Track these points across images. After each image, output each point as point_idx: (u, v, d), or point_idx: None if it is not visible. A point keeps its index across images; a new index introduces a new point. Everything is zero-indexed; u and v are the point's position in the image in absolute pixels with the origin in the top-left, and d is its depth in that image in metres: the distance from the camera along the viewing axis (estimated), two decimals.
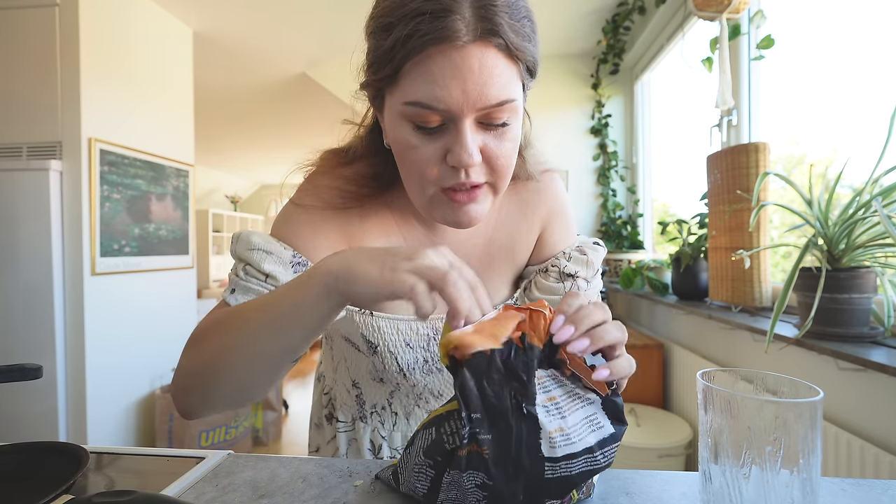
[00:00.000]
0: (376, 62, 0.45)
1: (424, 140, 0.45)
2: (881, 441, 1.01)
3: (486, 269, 0.63)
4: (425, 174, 0.47)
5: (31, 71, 1.98)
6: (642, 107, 2.88)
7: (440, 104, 0.42)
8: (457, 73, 0.41)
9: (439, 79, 0.41)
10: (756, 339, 1.42)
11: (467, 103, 0.42)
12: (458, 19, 0.40)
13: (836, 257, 1.07)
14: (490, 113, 0.44)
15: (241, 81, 3.43)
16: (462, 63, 0.41)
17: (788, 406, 0.34)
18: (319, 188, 0.57)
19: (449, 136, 0.45)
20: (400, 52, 0.42)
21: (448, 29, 0.40)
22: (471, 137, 0.44)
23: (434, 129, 0.44)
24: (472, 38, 0.40)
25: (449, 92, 0.41)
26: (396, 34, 0.41)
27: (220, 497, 0.47)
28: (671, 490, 0.46)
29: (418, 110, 0.43)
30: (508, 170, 0.49)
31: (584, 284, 0.64)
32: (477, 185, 0.47)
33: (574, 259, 0.63)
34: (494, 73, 0.42)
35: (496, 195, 0.51)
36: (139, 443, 2.33)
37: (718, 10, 1.62)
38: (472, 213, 0.49)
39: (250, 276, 0.52)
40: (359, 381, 0.67)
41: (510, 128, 0.46)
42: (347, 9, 2.48)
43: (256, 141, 5.23)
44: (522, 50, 0.44)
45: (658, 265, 2.24)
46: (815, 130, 1.65)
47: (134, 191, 2.26)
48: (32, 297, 1.94)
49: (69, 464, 0.46)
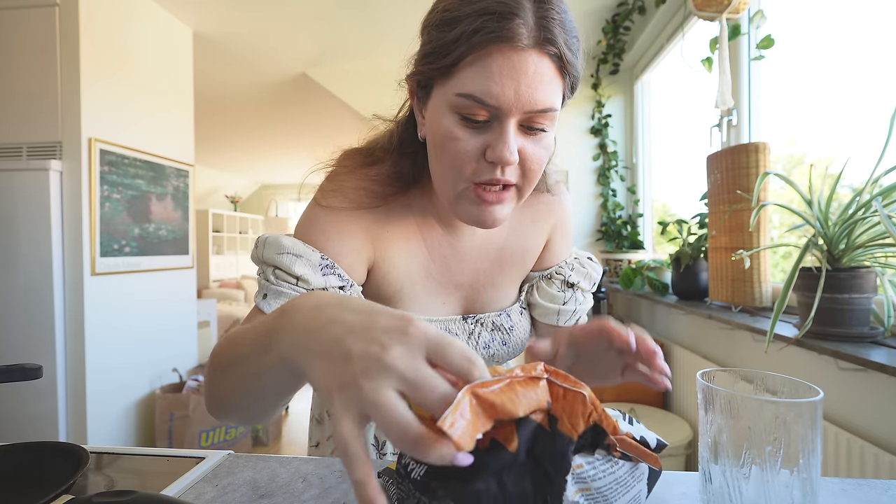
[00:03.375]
0: (435, 52, 0.46)
1: (468, 133, 0.47)
2: (881, 441, 1.01)
3: (500, 272, 0.65)
4: (462, 167, 0.48)
5: (31, 71, 1.98)
6: (642, 107, 2.88)
7: (492, 100, 0.44)
8: (513, 74, 0.43)
9: (496, 76, 0.43)
10: (756, 339, 1.42)
11: (517, 104, 0.44)
12: (522, 24, 0.42)
13: (836, 257, 1.07)
14: (533, 117, 0.46)
15: (241, 81, 3.43)
16: (519, 65, 0.43)
17: (788, 406, 0.34)
18: (346, 189, 0.56)
19: (492, 133, 0.46)
20: (464, 45, 0.43)
21: (512, 31, 0.42)
22: (514, 137, 0.46)
23: (480, 123, 0.46)
24: (531, 44, 0.43)
25: (503, 90, 0.43)
26: (462, 28, 0.43)
27: (220, 497, 0.47)
28: (671, 490, 0.46)
29: (470, 103, 0.45)
30: (537, 175, 0.50)
31: (581, 297, 0.68)
32: (507, 186, 0.49)
33: (577, 270, 0.68)
34: (545, 81, 0.44)
35: (520, 200, 0.52)
36: (139, 443, 2.33)
37: (718, 10, 1.62)
38: (496, 213, 0.50)
39: (281, 279, 0.52)
40: None
41: (547, 136, 0.48)
42: (347, 9, 2.48)
43: (256, 141, 5.23)
44: (572, 64, 0.46)
45: (658, 265, 2.24)
46: (814, 130, 1.65)
47: (134, 191, 2.26)
48: (32, 297, 1.94)
49: (69, 464, 0.46)
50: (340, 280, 0.54)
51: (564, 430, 0.32)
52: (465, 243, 0.63)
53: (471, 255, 0.63)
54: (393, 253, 0.58)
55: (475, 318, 0.65)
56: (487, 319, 0.65)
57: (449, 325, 0.63)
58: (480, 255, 0.63)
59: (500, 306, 0.67)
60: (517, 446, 0.30)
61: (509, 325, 0.66)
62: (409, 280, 0.60)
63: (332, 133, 4.78)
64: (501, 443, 0.31)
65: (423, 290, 0.61)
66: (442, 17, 0.46)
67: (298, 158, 6.17)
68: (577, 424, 0.33)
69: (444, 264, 0.62)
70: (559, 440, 0.32)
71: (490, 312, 0.66)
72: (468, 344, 0.64)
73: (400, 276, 0.59)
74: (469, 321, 0.64)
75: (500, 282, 0.65)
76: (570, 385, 0.33)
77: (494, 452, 0.30)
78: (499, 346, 0.66)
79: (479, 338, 0.65)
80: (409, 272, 0.60)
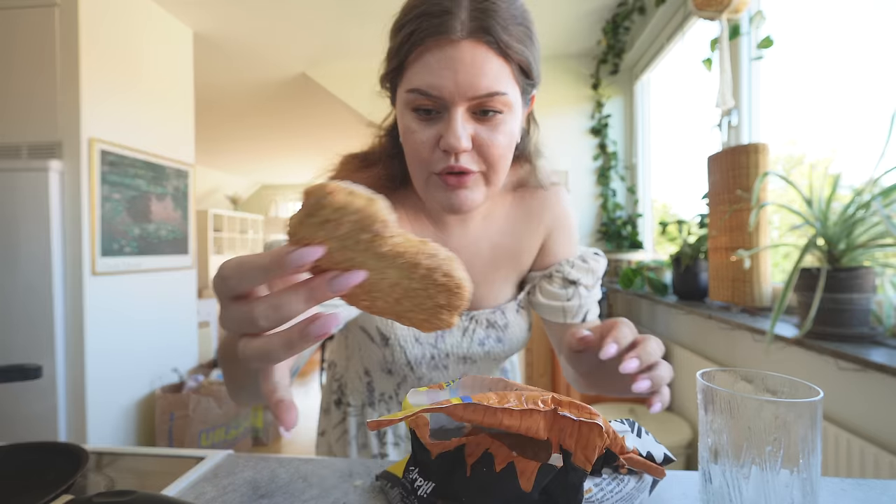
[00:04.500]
0: (389, 56, 0.52)
1: (422, 126, 0.50)
2: (881, 441, 1.01)
3: (493, 271, 0.66)
4: (422, 157, 0.51)
5: (31, 71, 1.98)
6: (642, 107, 2.88)
7: (435, 91, 0.47)
8: (449, 64, 0.46)
9: (435, 68, 0.47)
10: (756, 339, 1.42)
11: (458, 92, 0.47)
12: (454, 18, 0.46)
13: (836, 257, 1.07)
14: (481, 103, 0.48)
15: (241, 81, 3.43)
16: (455, 55, 0.46)
17: (788, 406, 0.33)
18: None
19: (443, 123, 0.49)
20: (407, 45, 0.48)
21: (444, 25, 0.46)
22: (461, 124, 0.48)
23: (431, 115, 0.49)
24: (465, 35, 0.46)
25: (442, 80, 0.47)
26: (406, 31, 0.48)
27: (220, 497, 0.47)
28: (671, 490, 0.46)
29: (416, 97, 0.49)
30: (500, 160, 0.52)
31: (584, 292, 0.66)
32: (467, 172, 0.51)
33: (577, 266, 0.66)
34: (485, 67, 0.47)
35: (489, 186, 0.54)
36: (139, 443, 2.33)
37: (718, 10, 1.62)
38: (461, 197, 0.53)
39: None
40: (370, 370, 0.71)
41: (503, 121, 0.50)
42: (347, 9, 2.48)
43: (256, 141, 5.23)
44: (513, 48, 0.48)
45: (658, 265, 2.24)
46: (814, 130, 1.65)
47: (134, 191, 2.26)
48: (32, 297, 1.94)
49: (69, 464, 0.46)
50: None
51: (578, 464, 0.32)
52: (456, 241, 0.64)
53: (462, 252, 0.64)
54: None
55: (469, 314, 0.66)
56: (482, 316, 0.66)
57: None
58: (472, 251, 0.65)
59: (494, 304, 0.68)
60: (532, 488, 0.31)
61: (504, 323, 0.67)
62: None
63: (332, 133, 4.78)
64: (517, 476, 0.31)
65: None
66: (393, 25, 0.51)
67: (298, 158, 6.17)
68: (592, 456, 0.33)
69: None
70: (573, 474, 0.32)
71: (484, 309, 0.67)
72: (463, 340, 0.66)
73: None
74: (463, 318, 0.66)
75: (493, 279, 0.66)
76: (586, 417, 0.33)
77: (508, 482, 0.31)
78: (494, 342, 0.67)
79: (473, 334, 0.66)
80: None
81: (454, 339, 0.66)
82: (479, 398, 0.33)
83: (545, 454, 0.35)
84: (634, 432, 0.39)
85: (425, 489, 0.35)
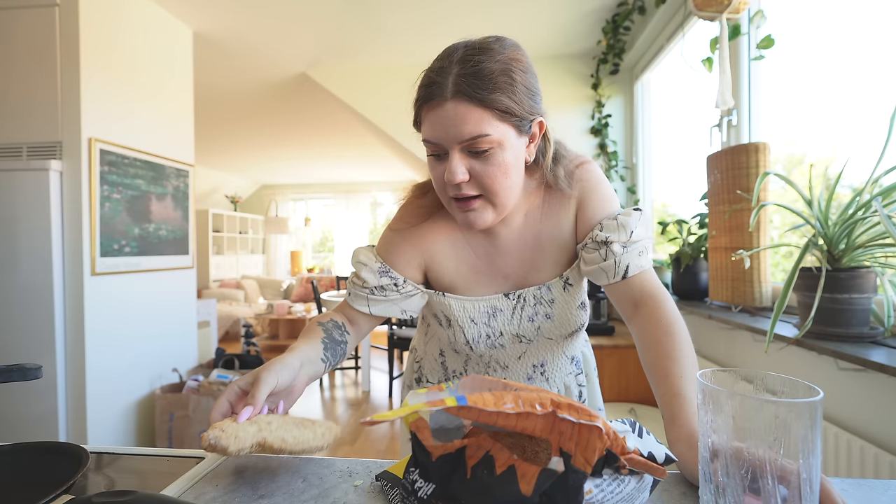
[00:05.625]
0: (414, 115, 0.66)
1: (435, 164, 0.65)
2: (881, 441, 1.01)
3: (541, 256, 0.75)
4: (439, 187, 0.67)
5: (31, 71, 1.98)
6: (642, 107, 2.88)
7: (435, 140, 0.62)
8: (440, 120, 0.61)
9: (432, 124, 0.62)
10: (756, 339, 1.42)
11: (449, 140, 0.61)
12: (441, 86, 0.60)
13: (836, 257, 1.07)
14: (470, 144, 0.61)
15: (241, 81, 3.43)
16: (443, 113, 0.60)
17: (788, 406, 0.34)
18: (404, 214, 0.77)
19: (447, 162, 0.63)
20: (417, 109, 0.64)
21: (433, 93, 0.60)
22: (457, 162, 0.61)
23: (439, 157, 0.64)
24: (449, 96, 0.59)
25: (437, 133, 0.62)
26: (417, 97, 0.64)
27: (220, 497, 0.47)
28: (671, 490, 0.46)
29: (427, 145, 0.64)
30: (497, 187, 0.63)
31: (618, 248, 0.68)
32: (470, 198, 0.64)
33: (606, 227, 0.69)
34: (467, 117, 0.59)
35: (495, 207, 0.66)
36: (139, 443, 2.33)
37: (718, 10, 1.62)
38: (471, 218, 0.66)
39: (354, 282, 0.75)
40: (444, 350, 0.84)
41: (493, 154, 0.61)
42: (347, 9, 2.48)
43: (256, 141, 5.23)
44: (490, 99, 0.59)
45: (658, 265, 2.24)
46: (814, 130, 1.64)
47: (134, 191, 2.26)
48: (32, 297, 1.94)
49: (69, 464, 0.46)
50: (392, 279, 0.74)
51: (578, 466, 0.33)
52: (503, 240, 0.74)
53: (512, 247, 0.74)
54: (441, 258, 0.76)
55: (517, 293, 0.75)
56: (529, 294, 0.75)
57: (494, 303, 0.75)
58: (520, 245, 0.74)
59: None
60: (532, 491, 0.31)
61: (549, 298, 0.75)
62: (459, 275, 0.76)
63: (332, 133, 4.78)
64: (518, 480, 0.31)
65: (474, 282, 0.76)
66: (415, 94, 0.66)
67: (298, 158, 6.17)
68: (592, 458, 0.33)
69: (489, 260, 0.76)
70: (573, 476, 0.32)
71: (531, 287, 0.75)
72: (513, 317, 0.75)
73: (450, 273, 0.76)
74: (511, 297, 0.75)
75: (542, 265, 0.75)
76: (586, 419, 0.33)
77: (509, 485, 0.31)
78: (543, 318, 0.75)
79: (522, 311, 0.75)
80: (458, 269, 0.76)
81: (505, 317, 0.75)
82: (474, 399, 0.33)
83: (545, 454, 0.35)
84: (635, 432, 0.39)
85: (425, 490, 0.35)
